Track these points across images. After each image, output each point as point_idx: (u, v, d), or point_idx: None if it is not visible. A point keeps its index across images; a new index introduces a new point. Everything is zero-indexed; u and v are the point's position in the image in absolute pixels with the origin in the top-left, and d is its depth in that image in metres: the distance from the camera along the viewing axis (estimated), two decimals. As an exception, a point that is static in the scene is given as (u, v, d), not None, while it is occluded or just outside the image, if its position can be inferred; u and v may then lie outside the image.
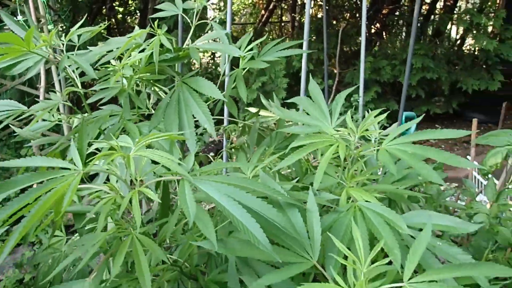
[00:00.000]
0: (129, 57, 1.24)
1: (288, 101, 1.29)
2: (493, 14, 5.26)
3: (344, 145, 1.04)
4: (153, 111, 1.34)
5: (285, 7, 7.91)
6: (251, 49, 1.42)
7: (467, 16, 5.19)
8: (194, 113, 1.18)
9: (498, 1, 5.49)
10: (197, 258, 1.20)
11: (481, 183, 2.91)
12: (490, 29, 5.49)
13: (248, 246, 0.82)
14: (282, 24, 8.09)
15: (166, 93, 1.29)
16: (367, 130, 1.09)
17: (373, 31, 6.10)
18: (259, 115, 1.60)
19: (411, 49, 3.59)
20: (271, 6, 7.22)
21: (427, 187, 1.46)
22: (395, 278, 0.79)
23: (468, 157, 2.73)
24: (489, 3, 5.59)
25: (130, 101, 1.24)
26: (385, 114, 1.10)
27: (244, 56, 1.41)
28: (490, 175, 1.56)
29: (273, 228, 0.81)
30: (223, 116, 2.30)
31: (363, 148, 1.09)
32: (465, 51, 5.87)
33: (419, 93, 5.10)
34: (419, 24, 6.37)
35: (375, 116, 1.12)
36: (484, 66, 5.20)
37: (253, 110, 1.65)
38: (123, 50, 1.23)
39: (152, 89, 1.35)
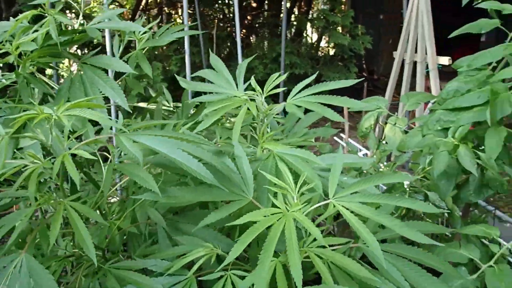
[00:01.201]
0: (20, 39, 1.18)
1: (192, 75, 1.35)
2: (342, 14, 5.93)
3: (254, 104, 1.14)
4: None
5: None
6: (145, 33, 1.45)
7: (322, 16, 5.78)
8: (101, 89, 1.17)
9: (345, 1, 6.23)
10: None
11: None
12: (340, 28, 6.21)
13: (188, 192, 0.86)
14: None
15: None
16: (272, 89, 1.20)
17: (243, 31, 6.43)
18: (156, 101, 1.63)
19: (283, 47, 3.88)
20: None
21: (321, 145, 1.64)
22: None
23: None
24: (341, 6, 6.29)
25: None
26: (285, 75, 1.23)
27: (141, 37, 1.43)
28: (370, 131, 1.81)
29: (211, 172, 0.87)
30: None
31: (270, 107, 1.21)
32: (324, 47, 6.51)
33: (290, 88, 5.48)
34: (280, 26, 6.88)
35: (274, 80, 1.25)
36: (341, 61, 5.85)
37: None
38: (10, 33, 1.17)
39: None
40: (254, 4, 7.52)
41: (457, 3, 1.44)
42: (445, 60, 2.20)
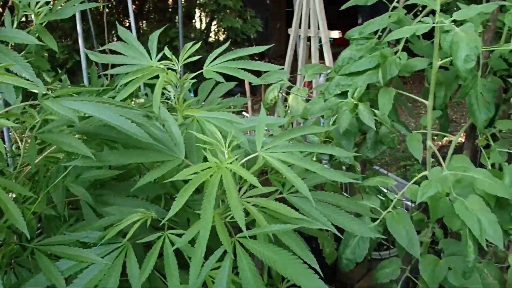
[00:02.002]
0: None
1: (102, 48, 1.31)
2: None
3: (173, 73, 1.15)
4: None
5: None
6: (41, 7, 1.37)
7: (213, 1, 5.82)
8: (4, 63, 1.09)
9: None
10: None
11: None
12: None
13: (121, 156, 0.86)
14: None
15: None
16: (188, 58, 1.22)
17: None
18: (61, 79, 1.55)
19: (181, 32, 3.84)
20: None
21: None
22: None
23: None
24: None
25: None
26: (199, 43, 1.26)
27: (38, 11, 1.35)
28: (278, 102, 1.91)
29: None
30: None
31: (188, 76, 1.23)
32: (216, 31, 6.57)
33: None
34: (170, 10, 6.77)
35: (189, 48, 1.27)
36: (234, 44, 5.96)
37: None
38: None
39: None
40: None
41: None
42: (336, 34, 2.40)
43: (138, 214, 0.92)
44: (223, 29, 6.24)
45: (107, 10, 6.15)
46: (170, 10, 7.26)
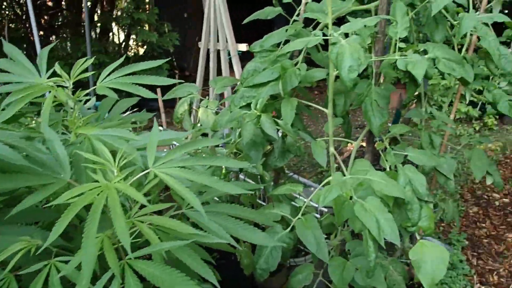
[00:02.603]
0: None
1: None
2: (147, 12, 5.94)
3: (62, 90, 1.10)
4: None
5: None
6: None
7: (127, 14, 5.69)
8: None
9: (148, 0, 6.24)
10: None
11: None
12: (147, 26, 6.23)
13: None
14: None
15: None
16: (79, 74, 1.17)
17: (41, 33, 5.86)
18: None
19: (89, 47, 3.69)
20: None
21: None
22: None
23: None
24: (145, 4, 6.27)
25: None
26: (91, 60, 1.21)
27: None
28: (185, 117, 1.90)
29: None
30: None
31: (80, 93, 1.18)
32: (133, 46, 6.41)
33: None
34: (83, 25, 6.51)
35: (81, 64, 1.22)
36: (151, 58, 5.85)
37: None
38: None
39: None
40: (50, 3, 6.95)
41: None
42: (243, 47, 2.44)
43: (22, 243, 0.86)
44: (140, 43, 6.11)
45: (11, 25, 5.78)
46: (83, 24, 6.99)
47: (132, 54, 6.18)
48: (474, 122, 4.82)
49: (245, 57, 1.80)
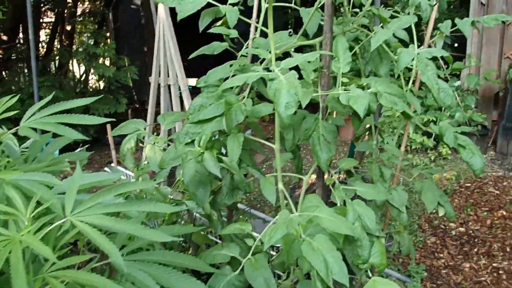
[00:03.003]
0: None
1: None
2: (106, 46, 5.87)
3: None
4: None
5: None
6: None
7: (84, 49, 5.61)
8: None
9: (108, 34, 6.20)
10: None
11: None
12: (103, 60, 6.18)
13: None
14: None
15: None
16: (2, 113, 1.09)
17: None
18: None
19: (35, 82, 3.57)
20: None
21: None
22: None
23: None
24: (105, 38, 6.23)
25: None
26: (17, 97, 1.14)
27: None
28: (129, 155, 1.82)
29: None
30: None
31: (3, 133, 1.09)
32: (91, 80, 6.30)
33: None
34: (40, 59, 6.37)
35: (5, 102, 1.14)
36: (109, 93, 5.75)
37: None
38: None
39: None
40: (4, 37, 6.79)
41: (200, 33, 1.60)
42: (193, 81, 2.41)
43: None
44: (97, 78, 6.01)
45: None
46: (41, 57, 6.84)
47: (90, 88, 6.06)
48: (429, 152, 4.93)
49: (197, 92, 1.76)
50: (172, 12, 2.43)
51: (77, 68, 6.88)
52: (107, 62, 6.40)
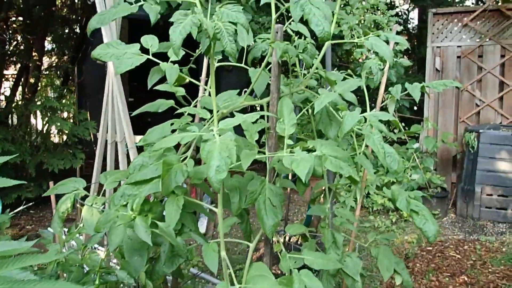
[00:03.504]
0: None
1: None
2: (67, 101, 5.76)
3: None
4: None
5: None
6: None
7: (42, 102, 5.45)
8: None
9: (73, 89, 6.11)
10: None
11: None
12: (66, 114, 6.01)
13: None
14: None
15: None
16: None
17: None
18: None
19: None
20: None
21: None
22: None
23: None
24: (70, 92, 6.12)
25: None
26: None
27: None
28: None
29: None
30: None
31: None
32: (50, 134, 6.08)
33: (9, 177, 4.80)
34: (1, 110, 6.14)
35: None
36: (66, 147, 5.55)
37: None
38: None
39: None
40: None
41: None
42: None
43: None
44: (55, 132, 5.83)
45: None
46: (1, 109, 6.61)
47: (47, 142, 5.83)
48: (391, 214, 4.91)
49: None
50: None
51: (40, 122, 6.69)
52: (68, 116, 6.27)
